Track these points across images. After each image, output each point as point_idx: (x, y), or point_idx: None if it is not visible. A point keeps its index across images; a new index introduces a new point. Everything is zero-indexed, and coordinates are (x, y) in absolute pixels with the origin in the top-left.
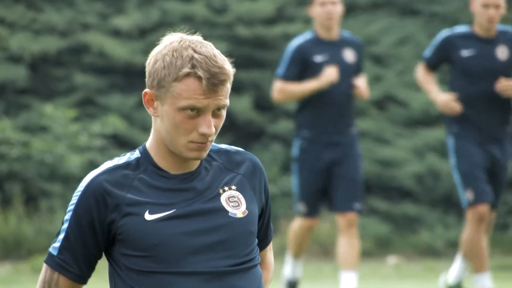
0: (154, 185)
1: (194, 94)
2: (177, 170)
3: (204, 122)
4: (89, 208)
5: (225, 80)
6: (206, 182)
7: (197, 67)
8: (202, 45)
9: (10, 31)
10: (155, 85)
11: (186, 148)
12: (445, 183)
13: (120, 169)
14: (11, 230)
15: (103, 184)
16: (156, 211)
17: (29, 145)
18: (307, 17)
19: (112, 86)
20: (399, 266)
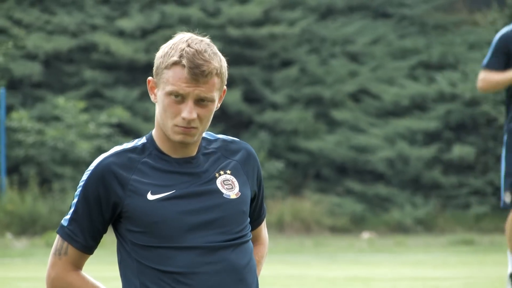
0: (156, 167)
1: (178, 81)
2: (178, 154)
3: (186, 107)
4: (97, 187)
5: (206, 71)
6: (204, 167)
7: (184, 57)
8: (199, 42)
9: (26, 31)
10: (154, 73)
11: (172, 131)
12: (413, 167)
13: (127, 153)
14: (27, 208)
15: (111, 165)
16: (158, 191)
17: (43, 133)
18: (292, 19)
19: (117, 81)
20: (372, 241)
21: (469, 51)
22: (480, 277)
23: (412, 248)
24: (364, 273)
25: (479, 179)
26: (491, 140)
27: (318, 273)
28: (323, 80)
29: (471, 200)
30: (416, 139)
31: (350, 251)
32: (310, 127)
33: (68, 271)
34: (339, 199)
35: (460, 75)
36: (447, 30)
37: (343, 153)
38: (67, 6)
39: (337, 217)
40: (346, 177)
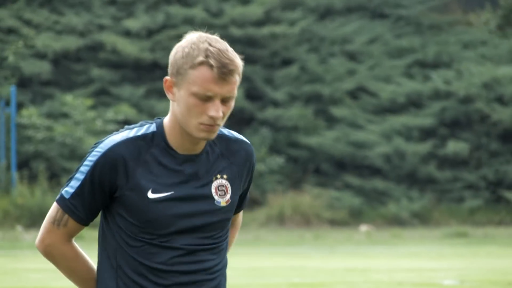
0: (162, 163)
1: (206, 81)
2: (184, 151)
3: (213, 106)
4: (104, 170)
5: (233, 70)
6: (203, 168)
7: (210, 57)
8: (217, 40)
9: (36, 31)
10: (175, 73)
11: (197, 129)
12: (409, 162)
13: (138, 141)
14: (36, 202)
15: (121, 154)
16: (158, 190)
17: (52, 129)
18: (292, 19)
19: (124, 79)
20: (370, 233)
21: (463, 50)
22: (474, 268)
23: (408, 240)
24: (362, 264)
25: (472, 173)
26: (484, 136)
27: (318, 264)
28: (322, 78)
29: (465, 194)
30: (412, 135)
31: (348, 243)
32: (309, 124)
33: (64, 241)
34: (338, 193)
35: (455, 73)
36: (442, 30)
37: (342, 149)
38: (75, 6)
39: (336, 211)
40: (344, 172)
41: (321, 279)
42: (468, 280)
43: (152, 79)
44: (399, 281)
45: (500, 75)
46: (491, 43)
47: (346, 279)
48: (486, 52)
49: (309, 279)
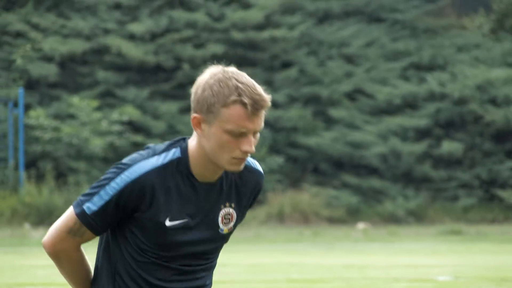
0: (182, 191)
1: (240, 119)
2: (204, 179)
3: (247, 142)
4: (131, 196)
5: (264, 106)
6: (216, 196)
7: (242, 95)
8: (242, 75)
9: (43, 35)
10: (204, 111)
11: (229, 163)
12: (405, 162)
13: (165, 169)
14: (44, 200)
15: (150, 183)
16: (175, 218)
17: (59, 130)
18: (291, 23)
19: (128, 81)
20: (367, 231)
21: (457, 53)
22: (468, 264)
23: (404, 237)
24: (360, 261)
25: (466, 173)
26: (478, 137)
27: (316, 261)
28: (321, 80)
29: (459, 193)
30: (407, 135)
31: (346, 240)
32: (308, 125)
33: (76, 249)
34: (336, 191)
35: (449, 75)
36: (436, 33)
37: (340, 149)
38: (82, 11)
39: (334, 209)
40: (342, 171)
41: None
42: (462, 276)
43: (156, 81)
44: (395, 277)
45: (493, 78)
46: (485, 46)
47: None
48: (479, 55)
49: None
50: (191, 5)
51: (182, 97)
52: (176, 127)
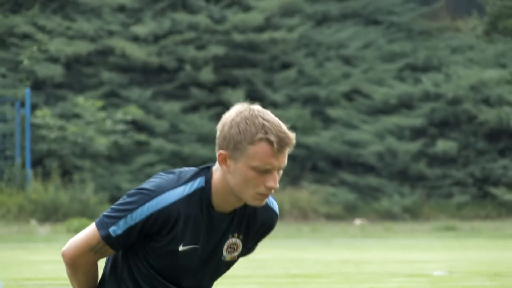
0: (199, 220)
1: (266, 156)
2: (221, 209)
3: (272, 178)
4: (156, 223)
5: (290, 144)
6: (226, 225)
7: (269, 133)
8: (267, 113)
9: (49, 37)
10: (231, 148)
11: (253, 198)
12: (401, 160)
13: (190, 198)
14: (50, 197)
15: (175, 213)
16: (187, 243)
17: (65, 129)
18: (291, 25)
19: (132, 82)
20: (364, 227)
21: (451, 55)
22: (462, 260)
23: (399, 233)
24: (357, 256)
25: (460, 171)
26: (471, 136)
27: (315, 256)
28: (319, 81)
29: (453, 190)
30: (403, 134)
31: (343, 236)
32: (307, 124)
33: (94, 263)
34: (334, 189)
35: (444, 76)
36: (431, 35)
37: (337, 147)
38: (86, 13)
39: (332, 206)
40: (340, 169)
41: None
42: (456, 271)
43: (159, 82)
44: (391, 272)
45: (487, 78)
46: (478, 48)
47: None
48: (473, 57)
49: (306, 270)
50: (193, 7)
51: (185, 97)
52: (178, 126)
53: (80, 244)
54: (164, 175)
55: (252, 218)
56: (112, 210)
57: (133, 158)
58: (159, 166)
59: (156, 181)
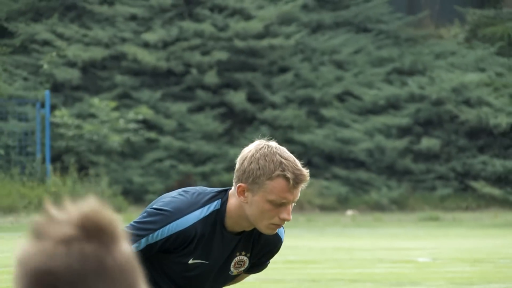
0: (212, 240)
1: (282, 191)
2: (232, 230)
3: (286, 211)
4: (177, 241)
5: (304, 180)
6: (235, 245)
7: (286, 170)
8: (284, 151)
9: (67, 43)
10: (250, 181)
11: (266, 227)
12: (389, 156)
13: (206, 220)
14: (68, 190)
15: (194, 233)
16: (198, 258)
17: (81, 128)
18: (288, 33)
19: (143, 84)
20: (355, 217)
21: (435, 60)
22: (444, 247)
23: (387, 223)
24: (348, 244)
25: (443, 166)
26: (453, 134)
27: (310, 244)
28: (314, 83)
29: (436, 184)
30: (391, 133)
31: (336, 226)
32: (303, 123)
33: None
34: (327, 182)
35: (428, 79)
36: (416, 42)
37: (331, 145)
38: (101, 22)
39: (325, 198)
40: (333, 164)
41: (312, 257)
42: (439, 258)
43: (167, 85)
44: (380, 258)
45: (467, 81)
46: (459, 53)
47: (334, 257)
48: (455, 61)
49: (302, 257)
50: (198, 16)
51: (191, 99)
52: (185, 125)
53: None
54: (184, 196)
55: (257, 239)
56: (134, 228)
57: (143, 154)
58: (167, 161)
59: (176, 202)
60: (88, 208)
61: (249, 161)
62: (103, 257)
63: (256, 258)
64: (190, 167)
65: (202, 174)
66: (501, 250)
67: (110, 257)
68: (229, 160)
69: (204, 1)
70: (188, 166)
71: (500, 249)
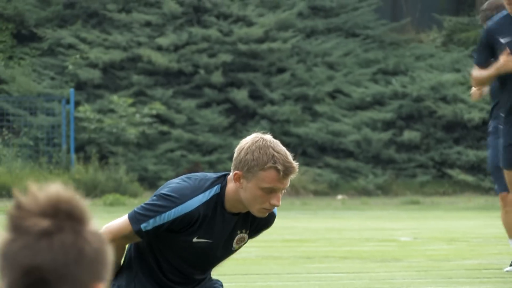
0: (214, 220)
1: (273, 181)
2: (231, 211)
3: (276, 197)
4: (182, 223)
5: (293, 172)
6: (235, 224)
7: (277, 163)
8: (277, 145)
9: (89, 46)
10: (245, 170)
11: (258, 211)
12: (375, 147)
13: (208, 203)
14: (89, 177)
15: (197, 215)
16: (202, 237)
17: (102, 121)
18: (285, 38)
19: (156, 83)
20: (344, 201)
21: (415, 62)
22: (424, 228)
23: (373, 206)
24: (338, 225)
25: (423, 156)
26: (432, 127)
27: (304, 225)
28: (308, 82)
29: (417, 171)
30: (376, 126)
31: (328, 209)
32: (298, 118)
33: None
34: (320, 170)
35: (409, 79)
36: (399, 45)
37: (323, 137)
38: (120, 27)
39: (318, 184)
40: (325, 154)
41: (307, 236)
42: (419, 237)
43: (178, 83)
44: (366, 238)
45: (444, 80)
46: (437, 56)
47: (325, 236)
48: (433, 63)
49: (297, 236)
50: (206, 23)
51: (199, 96)
52: (194, 119)
53: (114, 231)
54: (187, 182)
55: (254, 217)
56: (144, 209)
57: (157, 145)
58: (178, 151)
59: (181, 188)
60: (56, 195)
61: (245, 152)
62: (81, 245)
63: (254, 233)
64: (198, 156)
65: (209, 162)
66: (474, 230)
67: (86, 243)
68: (233, 150)
69: (211, 9)
70: (197, 156)
71: (473, 230)
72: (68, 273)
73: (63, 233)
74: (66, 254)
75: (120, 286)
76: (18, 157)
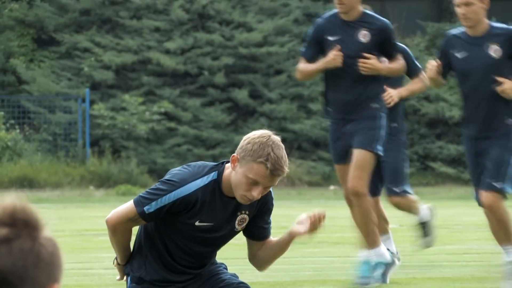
0: (213, 204)
1: (259, 175)
2: (229, 194)
3: (257, 190)
4: (181, 205)
5: (280, 175)
6: (234, 207)
7: (269, 161)
8: (277, 147)
9: (103, 50)
10: (241, 156)
11: (240, 197)
12: None
13: (206, 187)
14: (103, 169)
15: (195, 198)
16: (204, 221)
17: (115, 119)
18: (282, 42)
19: (165, 84)
20: (336, 192)
21: None
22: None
23: None
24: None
25: (408, 150)
26: (416, 124)
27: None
28: (303, 83)
29: None
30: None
31: (321, 198)
32: (294, 115)
33: (130, 230)
34: (314, 163)
35: None
36: None
37: (317, 132)
38: (131, 33)
39: (312, 176)
40: (318, 148)
41: None
42: (405, 224)
43: (185, 84)
44: None
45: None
46: (421, 59)
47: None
48: None
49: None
50: (210, 28)
51: (203, 95)
52: (199, 117)
53: (120, 215)
54: (187, 169)
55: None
56: (147, 193)
57: (165, 140)
58: (184, 146)
59: (181, 174)
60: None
61: (248, 141)
62: (38, 249)
63: (255, 213)
64: (203, 150)
65: (212, 156)
66: (454, 218)
67: (43, 248)
68: (234, 145)
69: (214, 16)
70: (201, 150)
71: (454, 217)
72: (28, 275)
73: (21, 239)
74: (25, 258)
75: (132, 269)
76: (38, 151)
